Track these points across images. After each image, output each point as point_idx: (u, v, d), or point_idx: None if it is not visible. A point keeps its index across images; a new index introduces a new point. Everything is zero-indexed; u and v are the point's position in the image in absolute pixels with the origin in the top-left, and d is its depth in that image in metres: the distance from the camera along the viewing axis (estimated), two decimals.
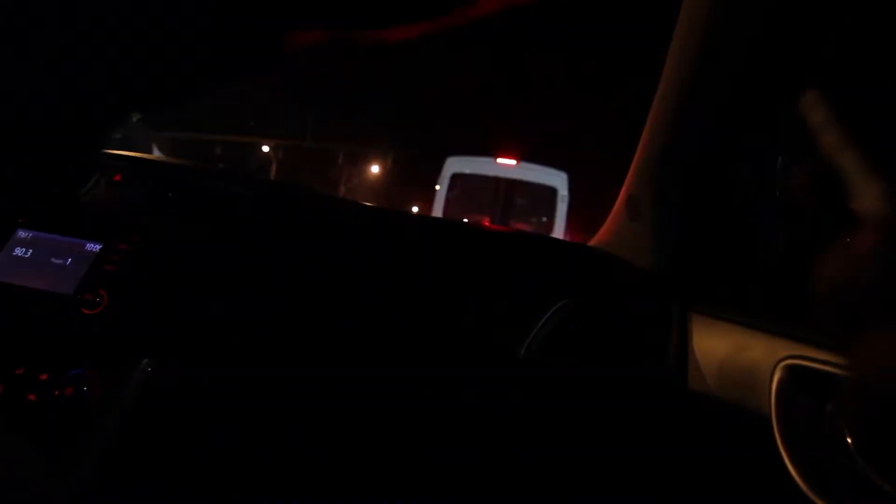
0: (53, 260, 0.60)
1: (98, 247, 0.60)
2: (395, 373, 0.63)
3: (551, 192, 4.97)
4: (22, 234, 0.61)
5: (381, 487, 0.64)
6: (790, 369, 0.53)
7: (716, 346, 0.63)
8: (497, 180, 5.09)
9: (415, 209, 7.02)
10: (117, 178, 0.68)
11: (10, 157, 0.20)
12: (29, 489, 0.51)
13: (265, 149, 10.51)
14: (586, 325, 0.67)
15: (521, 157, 5.02)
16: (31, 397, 0.54)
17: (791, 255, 0.66)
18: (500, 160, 5.03)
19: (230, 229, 0.65)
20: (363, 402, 0.63)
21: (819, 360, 0.51)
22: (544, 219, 5.04)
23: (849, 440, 0.46)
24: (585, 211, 5.04)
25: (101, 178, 0.67)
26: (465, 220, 3.45)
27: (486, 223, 4.04)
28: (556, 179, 5.02)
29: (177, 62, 0.22)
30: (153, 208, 0.66)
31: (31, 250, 0.60)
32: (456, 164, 5.10)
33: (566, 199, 4.93)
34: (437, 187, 5.10)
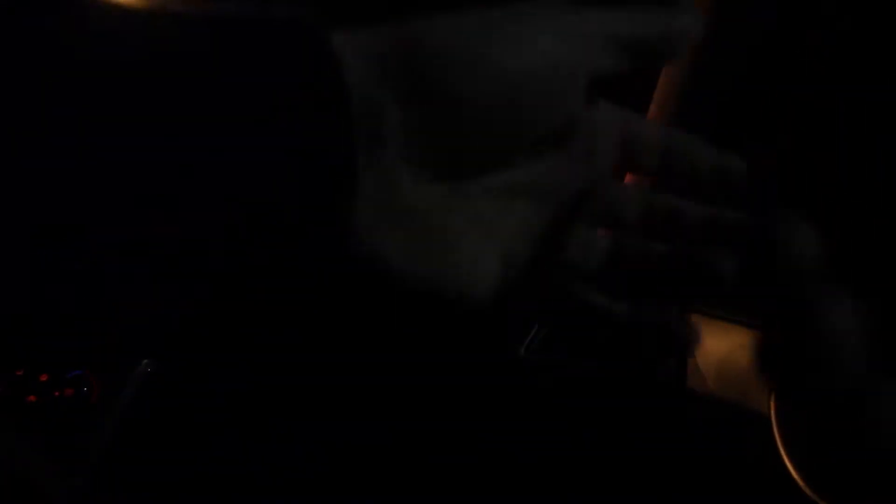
0: None
1: None
2: (395, 372, 0.64)
3: None
4: None
5: (381, 487, 0.64)
6: None
7: (716, 345, 0.64)
8: None
9: None
10: None
11: None
12: (29, 490, 0.51)
13: None
14: (587, 326, 0.67)
15: None
16: (31, 398, 0.54)
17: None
18: None
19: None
20: (363, 403, 0.63)
21: None
22: None
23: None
24: None
25: None
26: None
27: None
28: None
29: None
30: None
31: None
32: None
33: None
34: None
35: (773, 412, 0.53)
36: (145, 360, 0.56)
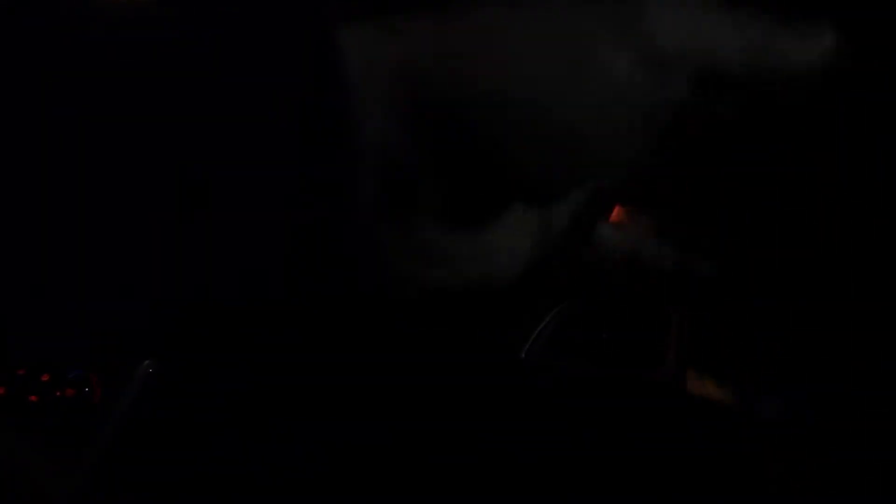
0: None
1: None
2: (395, 372, 0.64)
3: None
4: None
5: (381, 487, 0.64)
6: None
7: (715, 346, 0.64)
8: None
9: None
10: None
11: None
12: (29, 489, 0.51)
13: None
14: (587, 326, 0.67)
15: None
16: (33, 398, 0.54)
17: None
18: None
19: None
20: (364, 403, 0.63)
21: None
22: None
23: None
24: None
25: None
26: None
27: None
28: None
29: None
30: None
31: None
32: None
33: None
34: None
35: None
36: (147, 361, 0.56)
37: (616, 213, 0.78)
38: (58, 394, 0.55)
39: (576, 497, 0.65)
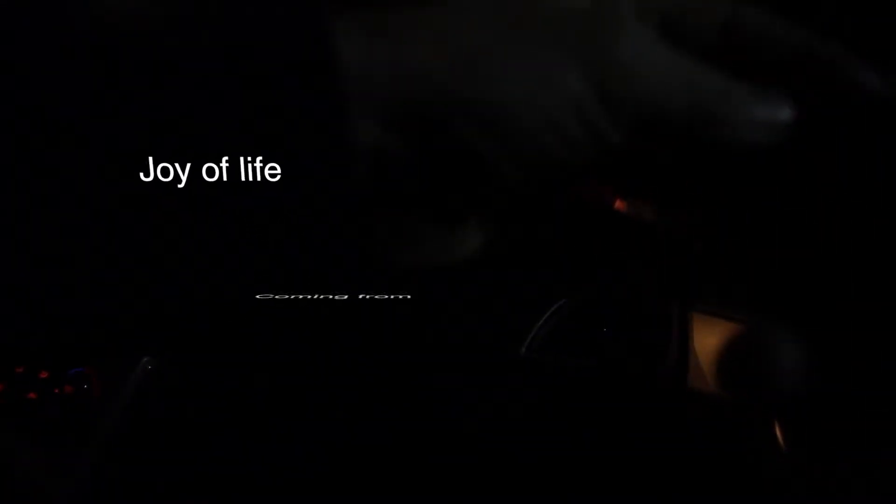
0: None
1: None
2: (395, 372, 0.64)
3: None
4: None
5: (381, 487, 0.64)
6: None
7: (716, 345, 0.63)
8: None
9: None
10: None
11: None
12: (29, 489, 0.51)
13: None
14: (587, 323, 0.67)
15: None
16: (31, 396, 0.54)
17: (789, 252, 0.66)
18: None
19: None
20: (364, 403, 0.63)
21: None
22: None
23: None
24: None
25: None
26: None
27: None
28: None
29: None
30: None
31: None
32: None
33: None
34: None
35: None
36: (145, 359, 0.56)
37: (618, 203, 0.78)
38: (56, 391, 0.55)
39: (576, 497, 0.66)
